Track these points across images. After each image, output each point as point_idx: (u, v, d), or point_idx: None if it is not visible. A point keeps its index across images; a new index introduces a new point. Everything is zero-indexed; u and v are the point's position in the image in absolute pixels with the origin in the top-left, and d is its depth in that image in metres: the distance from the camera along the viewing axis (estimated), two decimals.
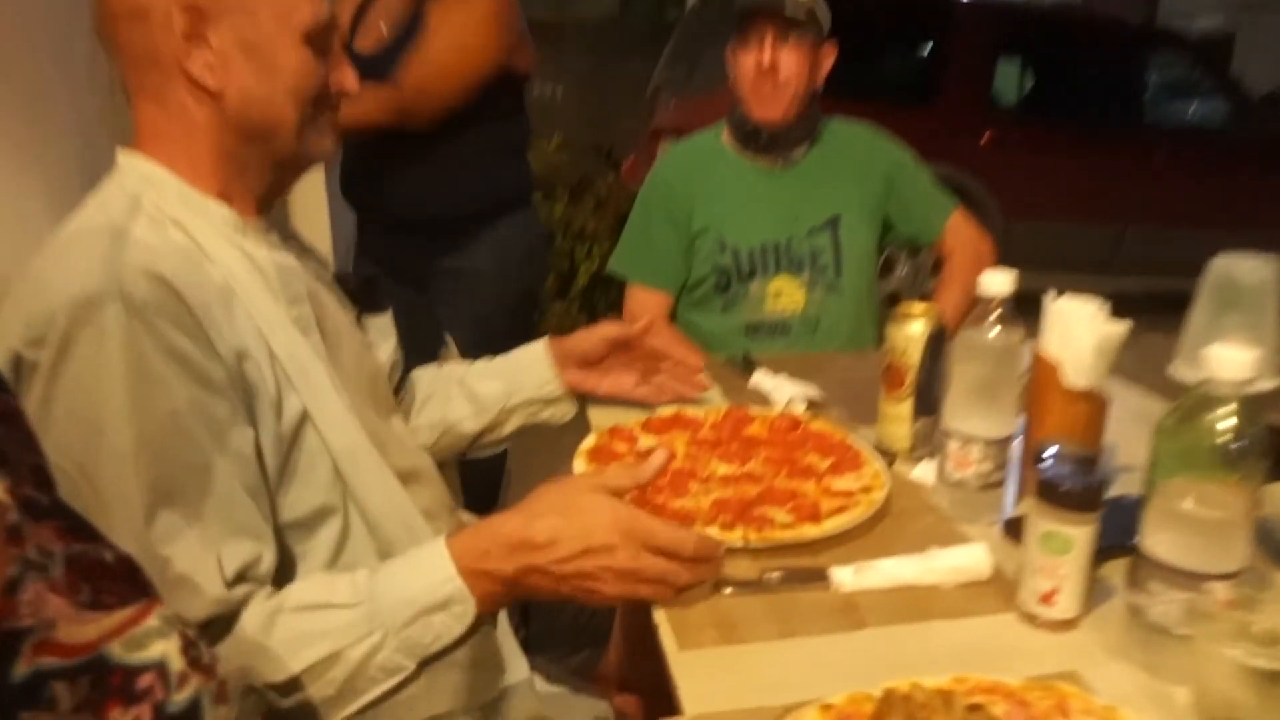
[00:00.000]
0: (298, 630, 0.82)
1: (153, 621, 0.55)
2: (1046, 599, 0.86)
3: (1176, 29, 7.77)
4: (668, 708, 0.79)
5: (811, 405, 1.38)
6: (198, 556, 0.80)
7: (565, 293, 3.99)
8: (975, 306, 1.05)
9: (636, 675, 1.44)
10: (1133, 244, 5.17)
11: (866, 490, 1.08)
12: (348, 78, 0.99)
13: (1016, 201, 4.89)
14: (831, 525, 1.00)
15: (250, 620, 0.81)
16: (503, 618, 1.00)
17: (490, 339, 1.46)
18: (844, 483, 1.11)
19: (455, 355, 1.34)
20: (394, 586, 0.85)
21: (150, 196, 0.90)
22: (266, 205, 1.00)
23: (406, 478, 1.04)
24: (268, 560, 0.85)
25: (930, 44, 5.34)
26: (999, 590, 0.93)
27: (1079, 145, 5.11)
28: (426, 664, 0.85)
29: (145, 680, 0.53)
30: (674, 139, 3.02)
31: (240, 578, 0.82)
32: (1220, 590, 0.74)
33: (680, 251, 1.83)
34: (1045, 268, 4.47)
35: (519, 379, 1.29)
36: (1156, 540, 0.78)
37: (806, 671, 0.81)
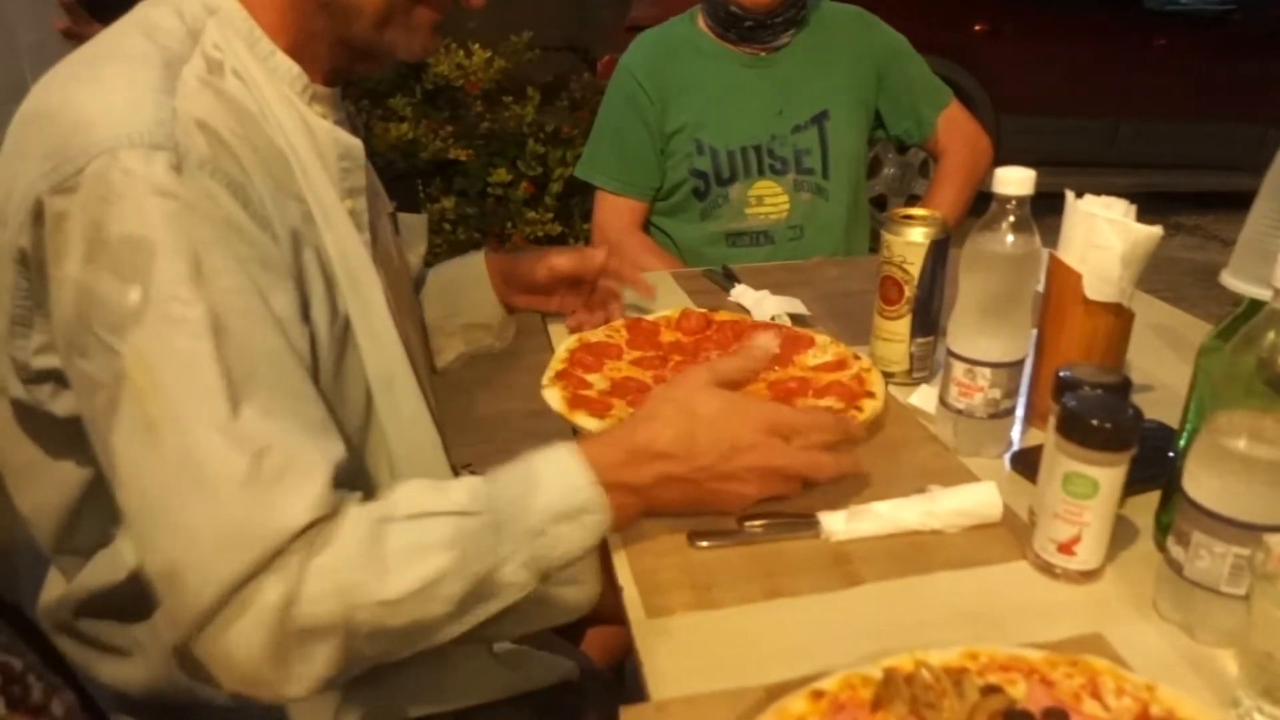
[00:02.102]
0: (414, 540, 0.68)
1: None
2: (1066, 548, 0.75)
3: None
4: None
5: (796, 321, 1.25)
6: (295, 449, 0.65)
7: (538, 201, 3.80)
8: (970, 209, 0.91)
9: (608, 608, 1.35)
10: (1128, 138, 4.99)
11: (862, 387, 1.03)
12: None
13: (1008, 95, 4.67)
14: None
15: (353, 529, 0.66)
16: None
17: None
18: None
19: None
20: (521, 492, 0.72)
21: (212, 32, 0.75)
22: (336, 80, 0.84)
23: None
24: (345, 465, 0.70)
25: None
26: (1010, 535, 0.82)
27: (1074, 34, 4.86)
28: (544, 581, 0.74)
29: None
30: None
31: (336, 478, 0.67)
32: (1277, 544, 0.62)
33: (653, 154, 1.67)
34: (1037, 164, 4.29)
35: (457, 301, 1.15)
36: (1202, 484, 0.67)
37: (794, 641, 0.70)
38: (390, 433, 0.83)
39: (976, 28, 4.72)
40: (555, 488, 0.73)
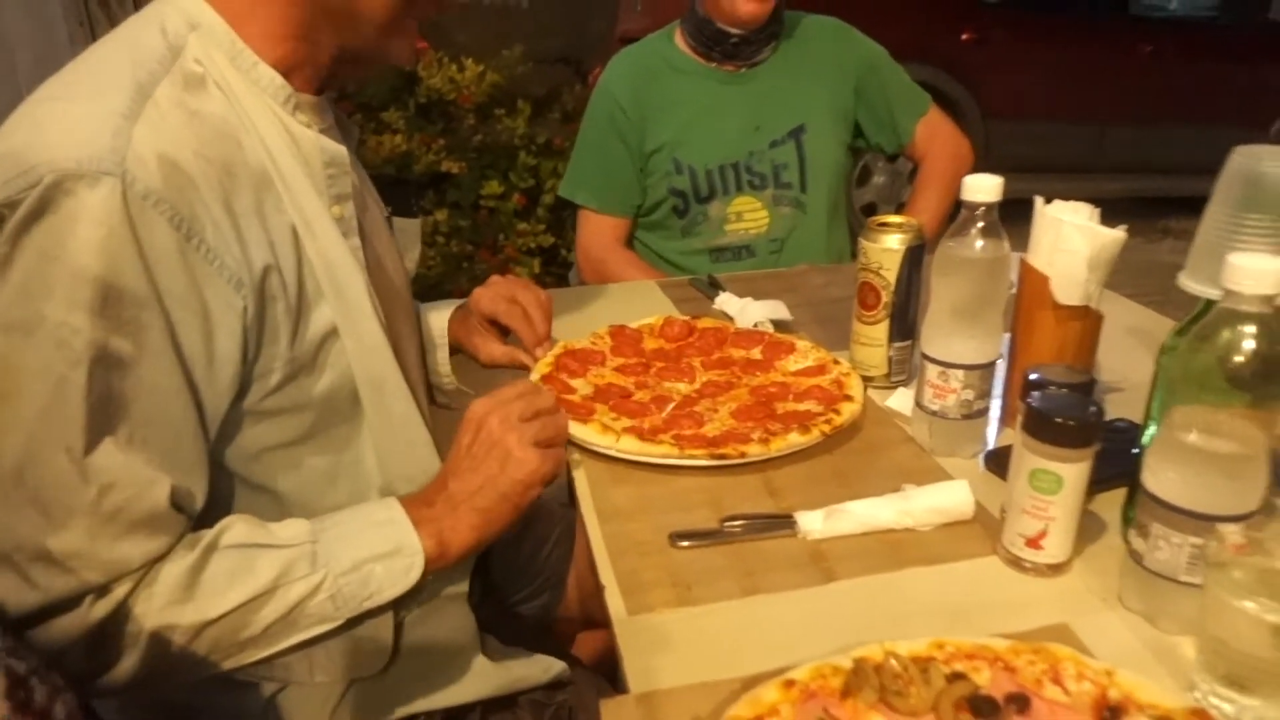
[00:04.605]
0: (233, 565, 0.73)
1: None
2: (1033, 542, 0.77)
3: None
4: None
5: (779, 327, 1.28)
6: (144, 486, 0.69)
7: (530, 212, 3.82)
8: (955, 214, 0.94)
9: (597, 612, 1.37)
10: (1116, 143, 5.03)
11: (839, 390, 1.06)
12: None
13: (996, 101, 4.72)
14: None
15: (179, 562, 0.72)
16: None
17: None
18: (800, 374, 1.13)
19: None
20: (343, 532, 0.78)
21: (194, 46, 0.77)
22: (324, 89, 0.86)
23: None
24: (198, 502, 0.75)
25: None
26: (982, 531, 0.84)
27: (1060, 40, 4.91)
28: (355, 622, 0.78)
29: None
30: None
31: (177, 511, 0.73)
32: (1233, 534, 0.65)
33: (633, 172, 1.69)
34: (1026, 170, 4.36)
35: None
36: (1160, 477, 0.69)
37: (771, 635, 0.72)
38: (381, 433, 0.86)
39: (963, 35, 4.77)
40: (373, 531, 0.78)
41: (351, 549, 0.76)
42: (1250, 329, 0.64)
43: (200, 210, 0.71)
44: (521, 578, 1.29)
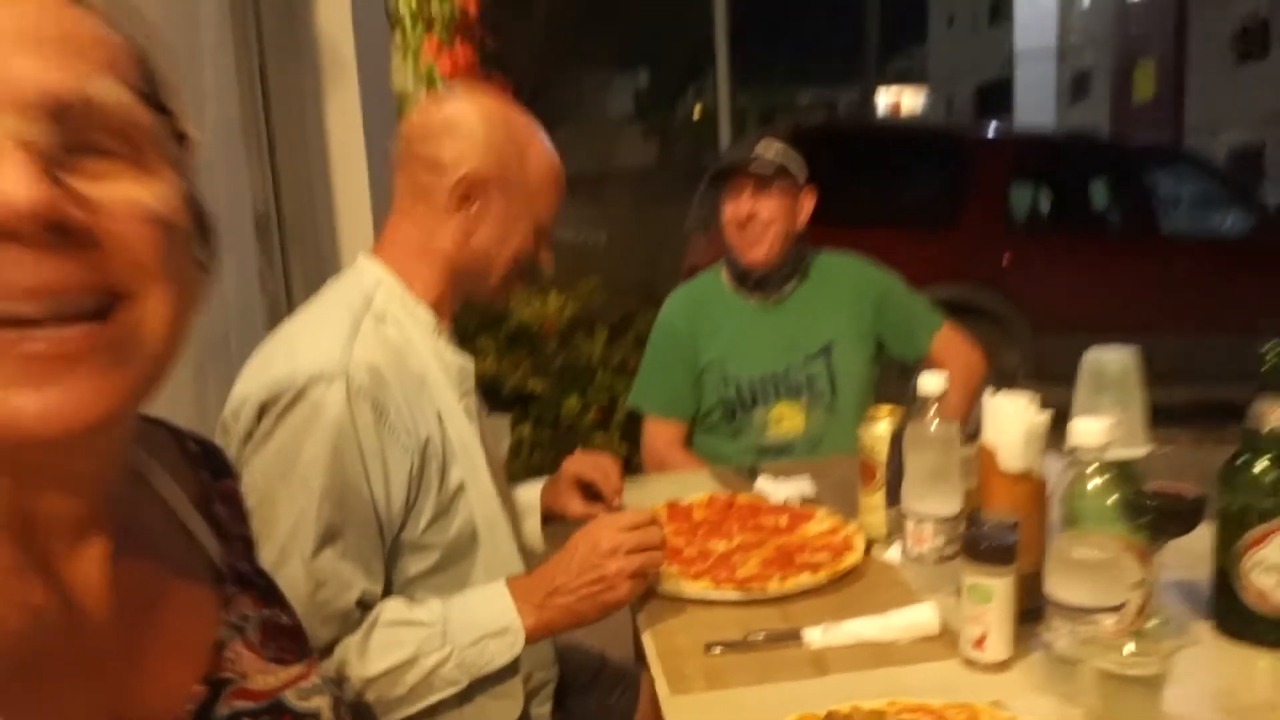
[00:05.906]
0: (388, 639, 1.06)
1: (315, 679, 0.67)
2: (978, 644, 1.02)
3: (1195, 149, 8.01)
4: None
5: (805, 502, 1.56)
6: (345, 587, 1.04)
7: (606, 424, 4.22)
8: (972, 410, 1.24)
9: None
10: (1162, 355, 5.25)
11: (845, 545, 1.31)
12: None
13: (1044, 317, 5.05)
14: (818, 577, 1.23)
15: (356, 637, 1.05)
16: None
17: None
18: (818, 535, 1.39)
19: None
20: (465, 612, 1.09)
21: (379, 295, 1.17)
22: (454, 317, 1.27)
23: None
24: (378, 596, 1.09)
25: (949, 172, 5.60)
26: (948, 643, 1.08)
27: (1097, 258, 5.30)
28: (474, 684, 1.08)
29: None
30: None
31: (360, 605, 1.06)
32: (1106, 621, 0.90)
33: (689, 385, 2.04)
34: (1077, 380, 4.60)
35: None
36: (1054, 583, 0.95)
37: (776, 708, 0.97)
38: (491, 564, 1.17)
39: (1006, 258, 5.18)
40: (488, 613, 1.10)
41: (471, 629, 1.07)
42: (1091, 472, 0.92)
43: (389, 399, 1.08)
44: (593, 717, 1.52)
